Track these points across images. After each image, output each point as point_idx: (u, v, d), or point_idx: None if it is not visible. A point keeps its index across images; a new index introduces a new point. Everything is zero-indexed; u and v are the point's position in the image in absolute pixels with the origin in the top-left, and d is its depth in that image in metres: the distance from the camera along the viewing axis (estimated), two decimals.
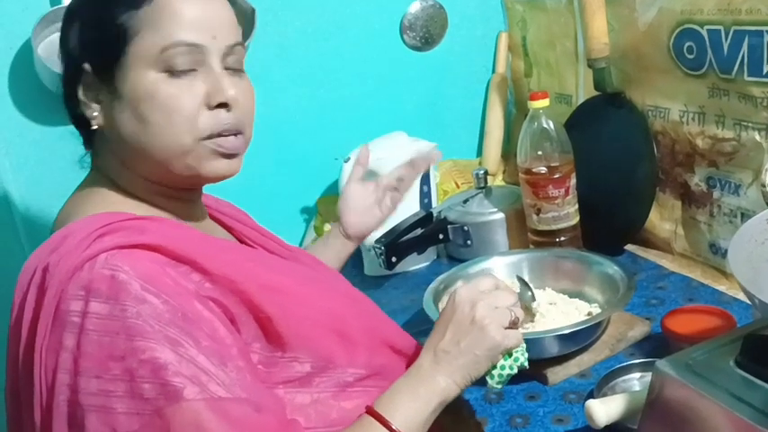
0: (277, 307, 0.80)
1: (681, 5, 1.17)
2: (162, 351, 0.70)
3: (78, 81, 0.82)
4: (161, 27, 0.79)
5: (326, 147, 1.65)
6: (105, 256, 0.72)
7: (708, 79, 1.16)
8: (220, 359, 0.73)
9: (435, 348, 0.85)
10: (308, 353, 0.82)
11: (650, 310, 1.16)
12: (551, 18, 1.57)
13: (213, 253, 0.80)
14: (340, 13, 1.63)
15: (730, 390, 0.68)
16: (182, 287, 0.74)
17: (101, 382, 0.70)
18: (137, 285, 0.71)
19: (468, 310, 0.86)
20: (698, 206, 1.26)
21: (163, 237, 0.77)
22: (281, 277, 0.86)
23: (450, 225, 1.45)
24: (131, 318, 0.70)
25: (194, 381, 0.70)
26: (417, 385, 0.83)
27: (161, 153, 0.80)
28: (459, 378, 0.84)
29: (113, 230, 0.76)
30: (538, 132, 1.30)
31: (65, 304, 0.71)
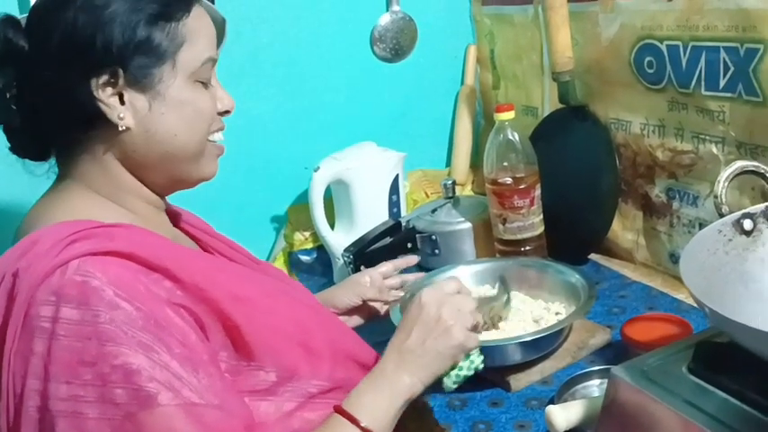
0: (245, 317, 0.81)
1: (641, 21, 1.21)
2: (135, 356, 0.70)
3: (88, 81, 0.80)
4: (198, 41, 0.85)
5: (297, 156, 1.66)
6: (77, 263, 0.72)
7: (667, 93, 1.20)
8: (192, 366, 0.73)
9: (400, 348, 0.88)
10: (273, 363, 0.82)
11: (612, 319, 1.19)
12: (518, 32, 1.60)
13: (184, 261, 0.80)
14: (311, 23, 1.64)
15: (683, 396, 0.71)
16: (153, 294, 0.75)
17: (71, 387, 0.69)
18: (110, 292, 0.71)
19: (434, 311, 0.89)
20: (658, 217, 1.29)
21: (133, 244, 0.77)
22: (249, 287, 0.87)
23: (419, 234, 1.47)
24: (104, 323, 0.70)
25: (168, 386, 0.71)
26: (383, 384, 0.85)
27: (186, 153, 0.86)
28: (423, 376, 0.87)
29: (84, 237, 0.76)
30: (503, 144, 1.32)
31: (34, 309, 0.71)
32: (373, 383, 0.86)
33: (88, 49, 0.79)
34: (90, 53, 0.79)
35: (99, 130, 0.83)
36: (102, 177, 0.85)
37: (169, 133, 0.84)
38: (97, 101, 0.80)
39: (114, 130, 0.82)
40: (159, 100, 0.83)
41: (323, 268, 1.59)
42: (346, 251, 1.37)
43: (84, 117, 0.81)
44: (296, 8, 1.63)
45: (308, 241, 1.65)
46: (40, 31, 0.82)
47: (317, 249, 1.64)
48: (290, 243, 1.65)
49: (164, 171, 0.87)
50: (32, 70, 0.82)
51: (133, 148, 0.84)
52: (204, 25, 0.88)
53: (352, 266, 1.36)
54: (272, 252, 1.69)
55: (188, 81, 0.85)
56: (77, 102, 0.80)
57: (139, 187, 0.87)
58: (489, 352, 1.04)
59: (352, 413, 0.82)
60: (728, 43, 1.07)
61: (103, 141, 0.84)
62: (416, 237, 1.47)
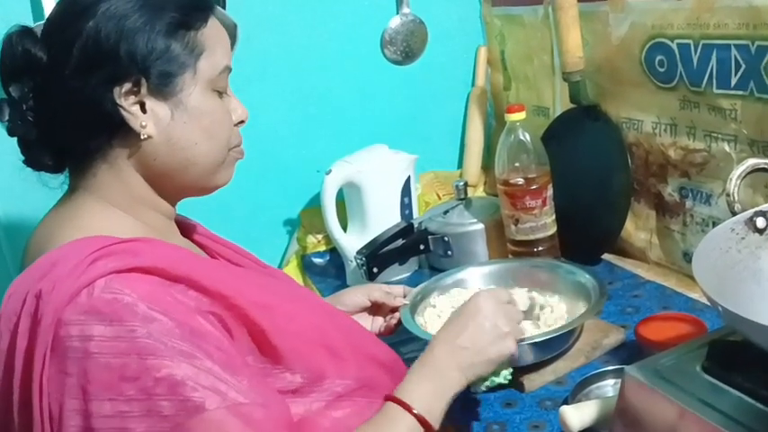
0: (269, 321, 0.81)
1: (652, 20, 1.21)
2: (178, 367, 0.70)
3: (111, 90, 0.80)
4: (215, 50, 0.86)
5: (309, 159, 1.66)
6: (104, 282, 0.72)
7: (679, 92, 1.19)
8: (232, 369, 0.74)
9: (453, 343, 0.89)
10: (300, 366, 0.83)
11: (626, 318, 1.18)
12: (528, 33, 1.60)
13: (205, 270, 0.81)
14: (322, 27, 1.65)
15: (697, 395, 0.70)
16: (183, 305, 0.75)
17: (115, 404, 0.69)
18: (143, 306, 0.71)
19: (491, 316, 0.91)
20: (671, 216, 1.29)
21: (157, 258, 0.77)
22: (266, 294, 0.87)
23: (431, 236, 1.47)
24: (142, 338, 0.70)
25: (214, 390, 0.71)
26: (436, 376, 0.87)
27: (206, 162, 0.87)
28: (470, 374, 0.89)
29: (106, 255, 0.75)
30: (515, 144, 1.33)
31: (64, 330, 0.70)
32: (425, 374, 0.87)
33: (112, 58, 0.80)
34: (114, 62, 0.80)
35: (120, 139, 0.83)
36: (117, 188, 0.85)
37: (190, 141, 0.85)
38: (120, 109, 0.81)
39: (135, 139, 0.83)
40: (181, 108, 0.83)
41: (336, 270, 1.60)
42: (359, 253, 1.38)
43: (106, 126, 0.82)
44: (306, 12, 1.63)
45: (320, 244, 1.66)
46: (58, 41, 0.82)
47: (329, 252, 1.65)
48: (303, 246, 1.66)
49: (182, 180, 0.87)
50: (52, 81, 0.82)
51: (154, 157, 0.84)
52: (220, 34, 0.89)
53: (365, 269, 1.37)
54: (285, 255, 1.70)
55: (207, 90, 0.85)
56: (100, 110, 0.80)
57: (154, 197, 0.88)
58: None
59: (406, 401, 0.83)
60: (739, 41, 1.07)
61: (123, 150, 0.84)
62: (428, 238, 1.47)
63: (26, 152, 0.87)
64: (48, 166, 0.87)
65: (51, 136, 0.84)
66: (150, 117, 0.82)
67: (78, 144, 0.84)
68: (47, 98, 0.83)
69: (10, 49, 0.82)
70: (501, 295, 0.96)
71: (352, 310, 1.16)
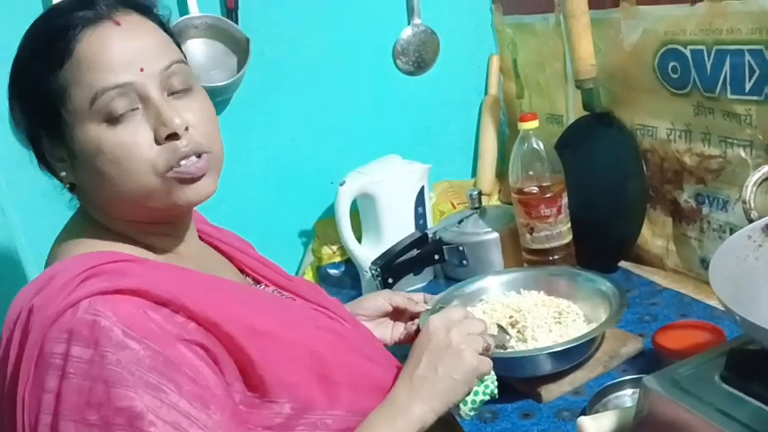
0: (259, 350, 0.79)
1: (664, 26, 1.20)
2: (140, 399, 0.69)
3: (40, 146, 0.83)
4: (84, 79, 0.77)
5: (323, 170, 1.66)
6: (88, 302, 0.72)
7: (692, 98, 1.19)
8: (203, 402, 0.72)
9: (411, 376, 0.85)
10: (287, 396, 0.80)
11: (643, 327, 1.17)
12: (540, 41, 1.60)
13: (197, 293, 0.79)
14: (334, 39, 1.65)
15: (716, 405, 0.70)
16: (165, 331, 0.74)
17: (78, 426, 0.69)
18: (118, 331, 0.71)
19: (443, 336, 0.87)
20: (688, 222, 1.28)
21: (145, 280, 0.76)
22: (269, 319, 0.85)
23: (446, 245, 1.47)
24: (110, 365, 0.70)
25: (175, 426, 0.70)
26: (395, 415, 0.83)
27: (130, 198, 0.81)
28: (436, 404, 0.84)
29: (96, 274, 0.75)
30: (528, 153, 1.32)
31: (48, 347, 0.71)
32: (385, 415, 0.84)
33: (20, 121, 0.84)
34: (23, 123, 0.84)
35: None
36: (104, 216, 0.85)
37: (95, 185, 0.81)
38: (50, 162, 0.84)
39: None
40: (73, 157, 0.81)
41: (351, 281, 1.60)
42: (373, 264, 1.38)
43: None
44: (318, 25, 1.64)
45: (335, 255, 1.66)
46: None
47: (344, 263, 1.65)
48: (318, 257, 1.66)
49: (130, 211, 0.83)
50: None
51: (92, 197, 0.84)
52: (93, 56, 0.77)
53: (380, 279, 1.37)
54: (300, 267, 1.70)
55: (91, 125, 0.78)
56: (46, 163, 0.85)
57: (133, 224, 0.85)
58: (520, 363, 1.04)
59: None
60: (753, 46, 1.06)
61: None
62: (443, 248, 1.47)
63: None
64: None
65: None
66: (65, 166, 0.83)
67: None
68: None
69: None
70: (452, 314, 0.91)
71: (372, 315, 1.14)
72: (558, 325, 1.11)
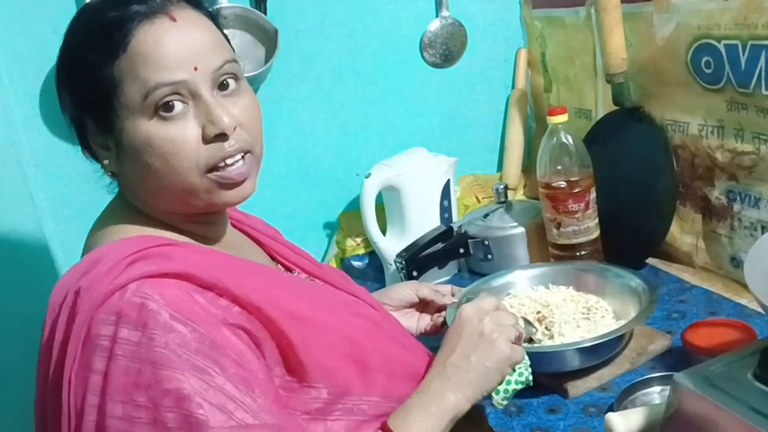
0: (299, 334, 0.80)
1: (698, 21, 1.18)
2: (187, 381, 0.70)
3: (85, 132, 0.84)
4: (139, 73, 0.77)
5: (348, 163, 1.67)
6: (135, 285, 0.73)
7: (726, 93, 1.17)
8: (247, 385, 0.73)
9: (445, 364, 0.86)
10: (325, 381, 0.82)
11: (672, 324, 1.16)
12: (570, 34, 1.58)
13: (240, 278, 0.80)
14: (361, 31, 1.65)
15: (748, 403, 0.69)
16: (210, 314, 0.75)
17: (126, 407, 0.71)
18: (165, 314, 0.72)
19: (476, 325, 0.88)
20: (718, 219, 1.26)
21: (190, 264, 0.78)
22: (306, 305, 0.86)
23: (471, 239, 1.47)
24: (158, 347, 0.71)
25: (221, 408, 0.71)
26: (429, 402, 0.84)
27: (172, 192, 0.82)
28: (469, 392, 0.85)
29: (143, 257, 0.76)
30: (557, 147, 1.31)
31: (95, 328, 0.72)
32: (418, 402, 0.84)
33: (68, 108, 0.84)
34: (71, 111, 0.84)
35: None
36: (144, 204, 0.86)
37: (138, 178, 0.82)
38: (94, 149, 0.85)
39: None
40: (120, 147, 0.82)
41: (375, 273, 1.60)
42: (398, 257, 1.38)
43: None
44: (346, 17, 1.64)
45: (360, 247, 1.66)
46: None
47: (368, 255, 1.65)
48: (343, 249, 1.66)
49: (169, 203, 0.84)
50: None
51: (131, 188, 0.85)
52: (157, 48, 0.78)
53: (404, 272, 1.37)
54: (324, 258, 1.70)
55: (142, 120, 0.78)
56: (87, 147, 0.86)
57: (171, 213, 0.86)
58: (547, 358, 1.04)
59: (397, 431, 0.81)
60: None
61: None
62: (468, 242, 1.47)
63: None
64: None
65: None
66: (109, 155, 0.84)
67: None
68: None
69: None
70: (484, 304, 0.92)
71: (398, 306, 1.15)
72: (587, 321, 1.10)
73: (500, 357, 0.86)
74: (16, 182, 1.45)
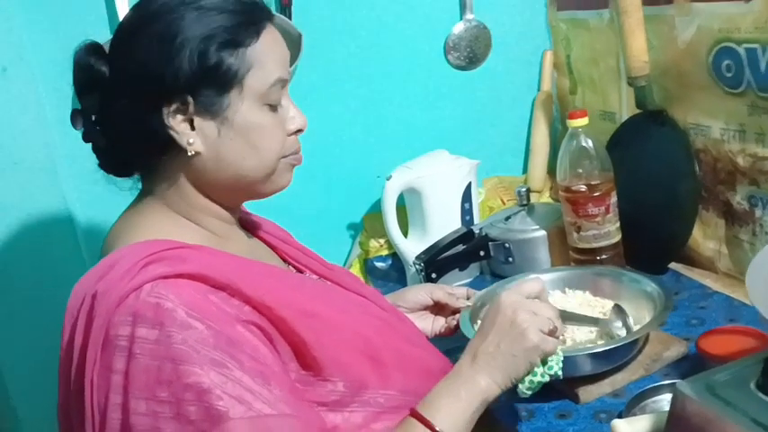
0: (312, 332, 0.83)
1: (718, 24, 1.17)
2: (207, 375, 0.73)
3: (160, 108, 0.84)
4: (266, 63, 0.86)
5: (372, 165, 1.69)
6: (150, 286, 0.76)
7: (747, 97, 1.15)
8: (264, 378, 0.76)
9: (476, 350, 0.88)
10: (341, 375, 0.84)
11: (690, 330, 1.15)
12: (594, 36, 1.57)
13: (252, 278, 0.83)
14: (385, 34, 1.67)
15: (750, 414, 0.68)
16: (224, 312, 0.78)
17: (149, 404, 0.73)
18: (182, 312, 0.75)
19: (509, 314, 0.89)
20: (740, 225, 1.24)
21: (204, 265, 0.80)
22: (319, 303, 0.89)
23: (492, 242, 1.47)
24: (177, 344, 0.73)
25: (240, 400, 0.73)
26: (459, 386, 0.86)
27: (257, 174, 0.89)
28: (499, 378, 0.86)
29: (157, 260, 0.79)
30: (577, 150, 1.31)
31: (113, 330, 0.75)
32: (448, 386, 0.87)
33: (159, 78, 0.83)
34: (160, 82, 0.83)
35: (172, 155, 0.87)
36: (176, 197, 0.89)
37: (238, 157, 0.87)
38: (168, 128, 0.84)
39: (185, 155, 0.86)
40: (227, 125, 0.86)
41: (398, 275, 1.61)
42: (417, 258, 1.39)
43: (157, 143, 0.86)
44: (370, 20, 1.66)
45: (383, 248, 1.67)
46: (118, 58, 0.86)
47: (391, 256, 1.66)
48: (366, 250, 1.68)
49: (234, 190, 0.91)
50: (111, 96, 0.87)
51: (204, 171, 0.88)
52: (274, 46, 0.89)
53: (424, 274, 1.38)
54: (347, 259, 1.72)
55: (256, 105, 0.87)
56: (150, 129, 0.85)
57: (211, 206, 0.91)
58: None
59: (427, 416, 0.83)
60: None
61: (177, 164, 0.88)
62: (489, 244, 1.47)
63: (98, 157, 0.92)
64: (117, 171, 0.93)
65: (115, 146, 0.89)
66: (198, 134, 0.85)
67: (136, 156, 0.89)
68: (108, 111, 0.88)
69: (78, 63, 0.88)
70: (526, 288, 0.94)
71: (413, 308, 1.16)
72: None
73: (528, 346, 0.87)
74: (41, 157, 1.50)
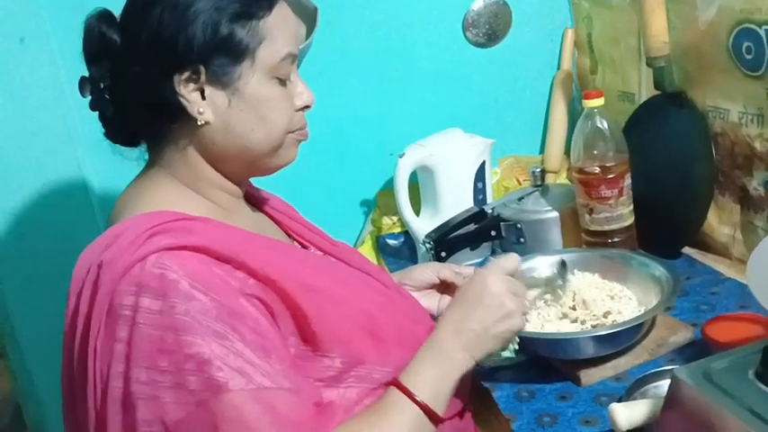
0: (313, 306, 0.84)
1: (740, 4, 1.14)
2: (208, 346, 0.74)
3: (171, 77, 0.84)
4: (278, 37, 0.87)
5: (386, 141, 1.67)
6: (155, 257, 0.77)
7: (766, 80, 1.12)
8: (264, 351, 0.77)
9: (460, 324, 0.90)
10: (339, 351, 0.85)
11: (699, 316, 1.13)
12: (616, 15, 1.54)
13: (256, 251, 0.84)
14: (402, 9, 1.65)
15: (746, 403, 0.67)
16: (227, 284, 0.78)
17: (150, 373, 0.74)
18: (185, 283, 0.75)
19: (497, 293, 0.91)
20: (756, 211, 1.22)
21: (209, 238, 0.81)
22: (322, 277, 0.89)
23: (504, 222, 1.45)
24: (180, 314, 0.74)
25: (240, 372, 0.74)
26: (441, 359, 0.88)
27: (264, 147, 0.89)
28: (477, 353, 0.89)
29: (162, 231, 0.80)
30: (592, 132, 1.29)
31: (118, 299, 0.76)
32: (430, 357, 0.88)
33: (172, 46, 0.83)
34: (173, 51, 0.83)
35: (182, 124, 0.87)
36: (183, 167, 0.90)
37: (247, 128, 0.87)
38: (179, 96, 0.84)
39: (195, 124, 0.86)
40: (238, 96, 0.86)
41: (410, 252, 1.61)
42: (427, 237, 1.38)
43: (167, 111, 0.86)
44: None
45: (395, 226, 1.67)
46: (131, 26, 0.86)
47: (404, 234, 1.66)
48: (378, 227, 1.68)
49: (242, 163, 0.91)
50: (122, 64, 0.87)
51: (213, 142, 0.88)
52: (286, 21, 0.89)
53: (433, 253, 1.37)
54: (360, 236, 1.72)
55: (266, 77, 0.87)
56: (161, 96, 0.85)
57: (218, 178, 0.91)
58: (561, 345, 1.03)
59: (409, 387, 0.84)
60: None
61: (186, 134, 0.88)
62: (501, 225, 1.46)
63: (105, 126, 0.93)
64: (123, 141, 0.94)
65: (123, 114, 0.89)
66: (208, 104, 0.86)
67: (145, 124, 0.90)
68: (119, 80, 0.88)
69: (89, 31, 0.88)
70: (507, 264, 0.95)
71: (419, 286, 1.16)
72: None
73: (513, 329, 0.92)
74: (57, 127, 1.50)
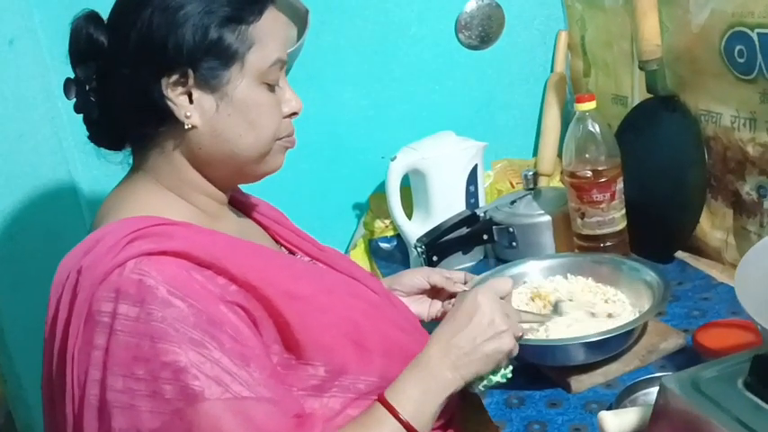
0: (296, 313, 0.83)
1: (732, 7, 1.13)
2: (184, 354, 0.73)
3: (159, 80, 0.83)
4: (268, 43, 0.86)
5: (378, 144, 1.66)
6: (134, 263, 0.76)
7: (758, 85, 1.12)
8: (243, 359, 0.76)
9: (448, 342, 0.88)
10: (322, 359, 0.84)
11: (690, 322, 1.12)
12: (609, 18, 1.53)
13: (239, 257, 0.83)
14: (395, 11, 1.64)
15: (734, 413, 0.66)
16: (207, 291, 0.77)
17: (126, 380, 0.73)
18: (163, 290, 0.74)
19: (488, 313, 0.89)
20: (748, 215, 1.21)
21: (189, 243, 0.80)
22: (306, 284, 0.88)
23: (496, 226, 1.45)
24: (156, 321, 0.73)
25: (217, 381, 0.73)
26: (428, 378, 0.86)
27: (251, 153, 0.88)
28: (467, 375, 0.88)
29: (142, 236, 0.79)
30: (583, 135, 1.28)
31: (96, 305, 0.75)
32: (417, 375, 0.86)
33: (161, 49, 0.82)
34: (162, 53, 0.82)
35: (169, 127, 0.86)
36: (169, 172, 0.88)
37: (234, 133, 0.87)
38: (166, 99, 0.84)
39: (182, 128, 0.85)
40: (226, 101, 0.85)
41: (402, 256, 1.60)
42: (419, 241, 1.38)
43: (154, 114, 0.85)
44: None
45: (388, 229, 1.66)
46: (120, 28, 0.85)
47: (396, 237, 1.65)
48: (371, 230, 1.67)
49: (228, 168, 0.90)
50: (110, 66, 0.86)
51: (199, 146, 0.87)
52: (276, 26, 0.89)
53: (425, 257, 1.36)
54: (352, 239, 1.71)
55: (255, 83, 0.86)
56: (148, 99, 0.84)
57: (203, 183, 0.90)
58: (551, 351, 1.02)
59: (394, 405, 0.83)
60: None
61: (172, 138, 0.87)
62: (493, 228, 1.45)
63: (89, 129, 0.92)
64: (108, 144, 0.92)
65: (110, 117, 0.88)
66: (196, 108, 0.85)
67: (131, 127, 0.89)
68: (106, 82, 0.87)
69: (76, 32, 0.87)
70: (499, 286, 0.95)
71: (409, 291, 1.15)
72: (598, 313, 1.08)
73: (503, 350, 0.90)
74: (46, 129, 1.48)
